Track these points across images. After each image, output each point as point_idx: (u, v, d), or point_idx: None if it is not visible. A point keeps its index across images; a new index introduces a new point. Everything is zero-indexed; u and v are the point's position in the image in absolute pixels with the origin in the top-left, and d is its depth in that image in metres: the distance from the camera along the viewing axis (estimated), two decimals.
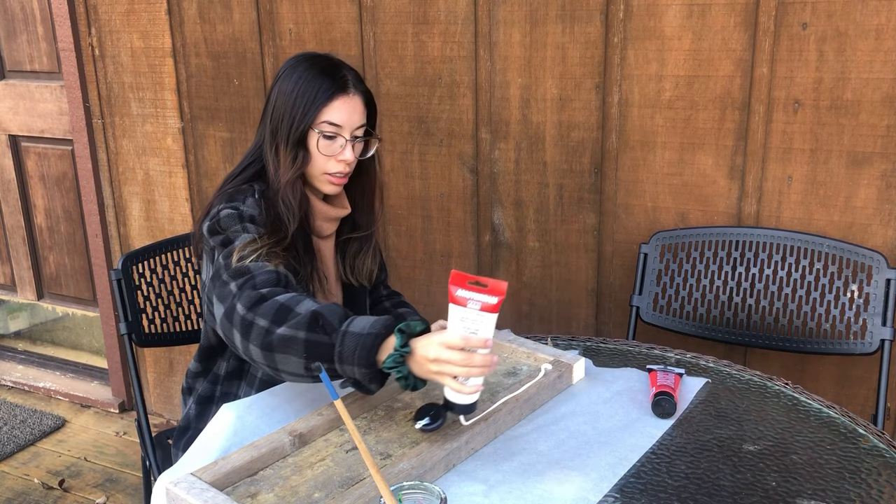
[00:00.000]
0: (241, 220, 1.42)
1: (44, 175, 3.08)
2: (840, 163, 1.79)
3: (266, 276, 1.32)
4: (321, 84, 1.47)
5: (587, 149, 2.02)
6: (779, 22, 1.77)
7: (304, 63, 1.51)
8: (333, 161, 1.49)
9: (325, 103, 1.46)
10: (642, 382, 1.43)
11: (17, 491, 2.55)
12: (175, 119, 2.58)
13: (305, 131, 1.47)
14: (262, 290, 1.28)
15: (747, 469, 1.18)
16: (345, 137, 1.48)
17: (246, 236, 1.39)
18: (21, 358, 3.37)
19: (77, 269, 3.14)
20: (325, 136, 1.47)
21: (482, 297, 1.15)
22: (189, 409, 1.61)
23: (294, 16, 2.28)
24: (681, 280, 1.91)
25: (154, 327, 1.90)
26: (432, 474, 1.14)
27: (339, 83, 1.48)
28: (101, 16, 2.59)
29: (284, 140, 1.48)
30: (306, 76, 1.48)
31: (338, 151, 1.49)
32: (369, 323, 1.20)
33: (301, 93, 1.47)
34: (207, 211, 1.48)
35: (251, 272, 1.32)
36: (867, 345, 1.73)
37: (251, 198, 1.47)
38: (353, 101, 1.49)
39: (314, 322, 1.20)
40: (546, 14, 1.98)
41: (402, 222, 2.30)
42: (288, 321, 1.21)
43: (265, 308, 1.24)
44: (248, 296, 1.27)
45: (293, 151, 1.48)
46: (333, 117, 1.47)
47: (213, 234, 1.43)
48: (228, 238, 1.40)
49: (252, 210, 1.44)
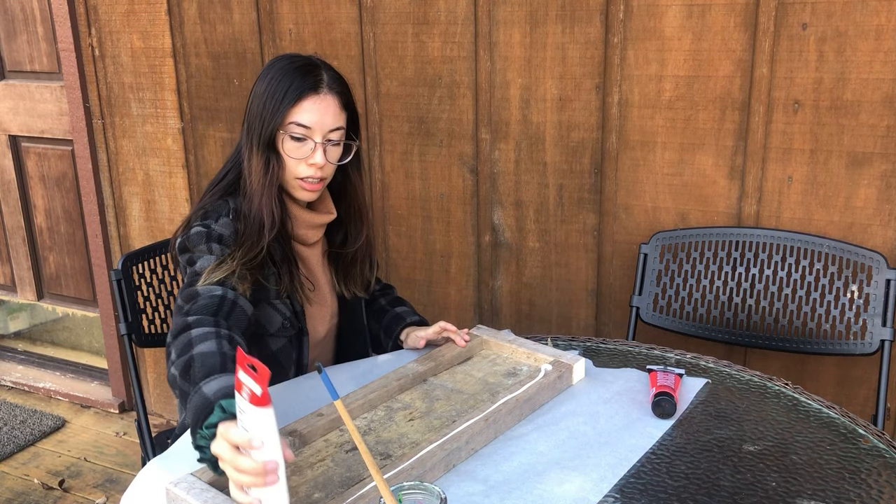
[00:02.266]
0: (208, 240, 1.40)
1: (44, 175, 3.08)
2: (840, 163, 1.79)
3: (206, 300, 1.30)
4: (291, 83, 1.41)
5: (587, 149, 2.02)
6: (779, 22, 1.77)
7: (280, 63, 1.46)
8: (304, 165, 1.43)
9: (292, 103, 1.41)
10: (642, 383, 1.43)
11: (17, 491, 2.55)
12: (175, 119, 2.58)
13: (274, 133, 1.42)
14: (188, 318, 1.26)
15: (747, 469, 1.18)
16: (314, 140, 1.42)
17: (209, 258, 1.37)
18: (21, 358, 3.37)
19: (77, 269, 3.14)
20: (292, 137, 1.42)
21: (250, 385, 0.92)
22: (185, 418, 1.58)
23: (294, 16, 2.28)
24: (681, 280, 1.91)
25: (154, 327, 1.90)
26: (432, 474, 1.14)
27: (310, 82, 1.42)
28: (101, 16, 2.59)
29: (256, 143, 1.43)
30: (279, 76, 1.43)
31: (307, 154, 1.42)
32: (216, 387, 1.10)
33: (271, 93, 1.42)
34: (185, 225, 1.46)
35: (195, 298, 1.31)
36: (867, 345, 1.73)
37: (224, 217, 1.43)
38: (324, 101, 1.42)
39: (186, 373, 1.17)
40: (546, 14, 1.98)
41: (402, 222, 2.30)
42: (178, 358, 1.19)
43: (181, 344, 1.22)
44: (175, 322, 1.27)
45: (264, 155, 1.42)
46: (302, 118, 1.41)
47: (181, 251, 1.43)
48: (192, 258, 1.39)
49: (222, 229, 1.42)
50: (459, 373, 1.46)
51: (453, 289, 2.29)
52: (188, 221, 1.46)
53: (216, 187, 1.50)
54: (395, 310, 1.69)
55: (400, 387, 1.38)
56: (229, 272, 1.35)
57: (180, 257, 1.43)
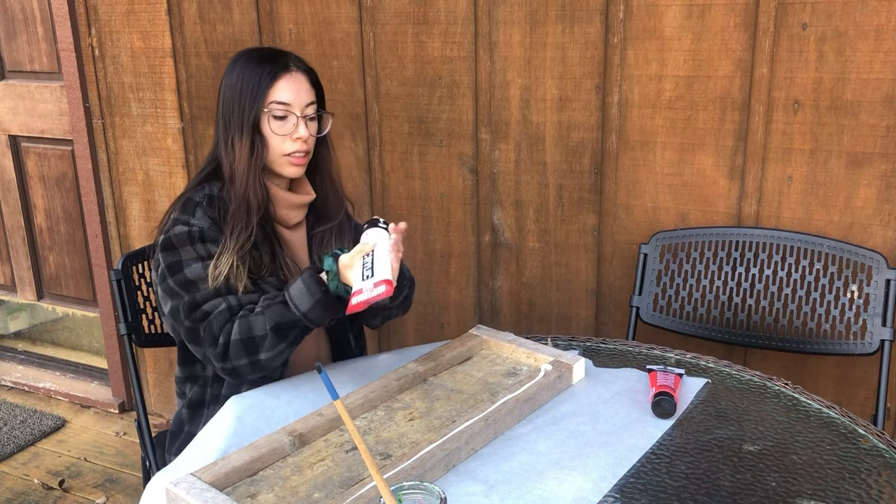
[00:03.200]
0: (192, 242, 1.47)
1: (44, 175, 3.08)
2: (840, 163, 1.79)
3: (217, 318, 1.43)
4: (263, 68, 1.51)
5: (587, 149, 2.02)
6: (779, 22, 1.77)
7: (244, 55, 1.56)
8: (289, 141, 1.52)
9: (270, 84, 1.50)
10: (642, 383, 1.43)
11: (17, 491, 2.55)
12: (175, 119, 2.58)
13: (257, 115, 1.50)
14: (220, 341, 1.42)
15: (747, 469, 1.18)
16: (296, 114, 1.52)
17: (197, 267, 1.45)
18: (21, 358, 3.37)
19: (77, 269, 3.14)
20: (275, 116, 1.51)
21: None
22: (181, 413, 1.60)
23: (294, 16, 2.28)
24: (681, 280, 1.91)
25: (154, 327, 1.90)
26: (432, 474, 1.14)
27: (280, 64, 1.53)
28: (101, 16, 2.59)
29: (238, 130, 1.51)
30: (248, 65, 1.52)
31: (291, 130, 1.52)
32: (295, 280, 1.41)
33: (245, 80, 1.51)
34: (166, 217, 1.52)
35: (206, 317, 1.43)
36: (867, 345, 1.73)
37: (199, 208, 1.49)
38: (296, 77, 1.53)
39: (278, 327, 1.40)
40: (546, 14, 1.98)
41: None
42: (261, 348, 1.40)
43: (234, 352, 1.41)
44: (212, 352, 1.42)
45: (249, 139, 1.50)
46: (281, 96, 1.51)
47: (164, 249, 1.48)
48: (180, 263, 1.46)
49: (201, 222, 1.48)
50: (459, 373, 1.46)
51: (453, 289, 2.29)
52: (168, 213, 1.52)
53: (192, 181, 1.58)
54: None
55: (400, 387, 1.38)
56: (229, 265, 1.44)
57: (162, 254, 1.48)
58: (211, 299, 1.43)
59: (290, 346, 1.43)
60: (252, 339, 1.40)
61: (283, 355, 1.43)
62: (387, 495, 0.94)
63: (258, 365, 1.41)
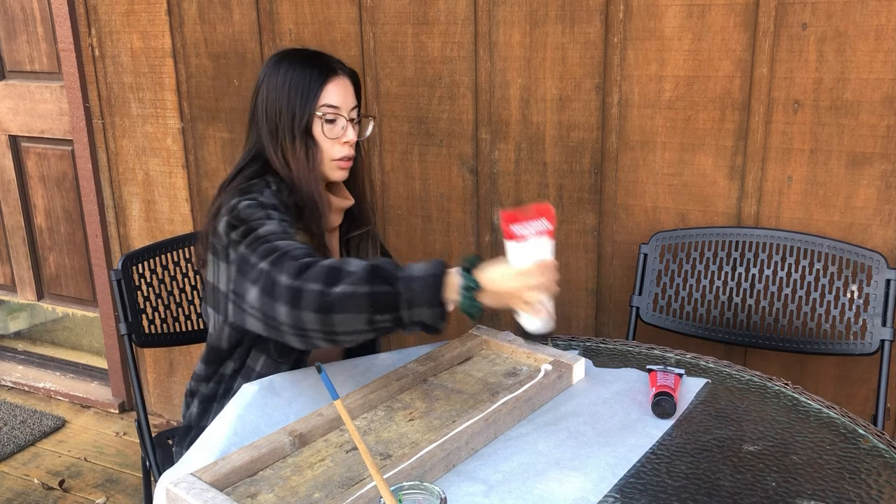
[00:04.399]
0: (264, 208, 1.40)
1: (44, 175, 3.08)
2: (840, 163, 1.79)
3: (302, 249, 1.29)
4: (311, 71, 1.50)
5: (587, 149, 2.02)
6: (779, 22, 1.77)
7: (287, 57, 1.53)
8: (338, 145, 1.51)
9: (321, 87, 1.49)
10: (642, 383, 1.43)
11: (17, 491, 2.55)
12: (175, 119, 2.58)
13: (310, 120, 1.49)
14: (302, 260, 1.25)
15: (747, 469, 1.18)
16: (344, 118, 1.52)
17: (272, 224, 1.35)
18: (21, 358, 3.37)
19: (77, 269, 3.14)
20: (327, 120, 1.50)
21: (536, 225, 1.23)
22: (192, 409, 1.60)
23: (294, 16, 2.28)
24: (681, 280, 1.91)
25: (154, 327, 1.90)
26: (432, 474, 1.14)
27: (327, 67, 1.52)
28: (101, 16, 2.59)
29: (290, 135, 1.49)
30: (293, 68, 1.50)
31: (340, 134, 1.51)
32: (427, 265, 1.22)
33: (294, 84, 1.49)
34: (217, 210, 1.45)
35: (282, 249, 1.29)
36: (867, 345, 1.73)
37: (268, 189, 1.45)
38: (343, 81, 1.53)
39: (373, 274, 1.20)
40: (546, 14, 1.98)
41: (402, 223, 2.30)
42: (343, 280, 1.21)
43: (313, 273, 1.22)
44: (289, 265, 1.24)
45: (303, 144, 1.49)
46: (331, 99, 1.50)
47: (232, 228, 1.38)
48: (251, 227, 1.36)
49: (271, 199, 1.43)
50: (459, 373, 1.46)
51: None
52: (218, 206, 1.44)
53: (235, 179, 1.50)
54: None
55: (400, 387, 1.38)
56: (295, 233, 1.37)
57: (232, 234, 1.36)
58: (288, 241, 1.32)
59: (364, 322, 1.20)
60: (339, 270, 1.22)
61: (350, 325, 1.21)
62: (387, 495, 0.94)
63: (325, 301, 1.20)
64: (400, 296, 1.19)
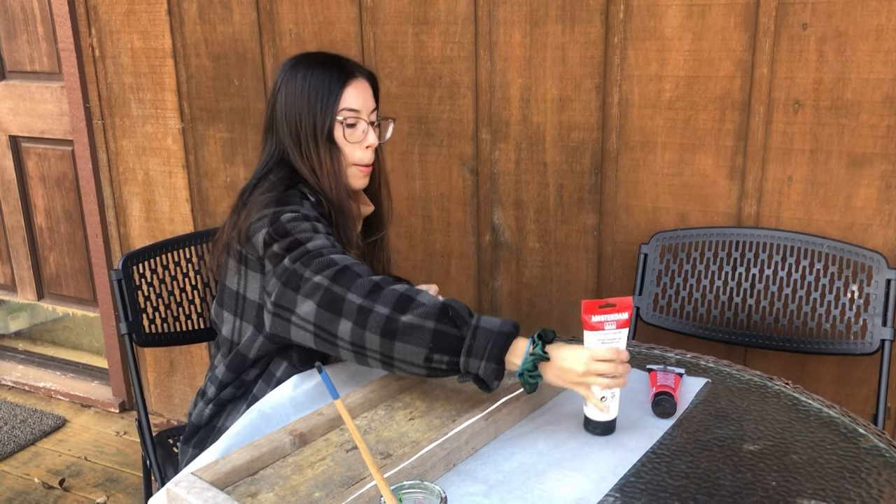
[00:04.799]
0: (308, 220, 1.36)
1: (44, 175, 3.08)
2: (840, 163, 1.79)
3: (361, 265, 1.28)
4: (330, 74, 1.47)
5: (587, 149, 2.03)
6: (779, 22, 1.77)
7: (304, 61, 1.50)
8: (360, 149, 1.49)
9: (340, 90, 1.46)
10: (642, 382, 1.43)
11: (18, 490, 2.55)
12: (175, 119, 2.58)
13: (332, 124, 1.46)
14: (373, 279, 1.24)
15: (747, 469, 1.18)
16: (365, 121, 1.50)
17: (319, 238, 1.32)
18: (21, 358, 3.37)
19: (77, 269, 3.14)
20: (348, 124, 1.48)
21: (615, 316, 1.23)
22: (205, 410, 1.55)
23: (294, 16, 2.28)
24: (681, 280, 1.91)
25: (154, 327, 1.90)
26: (432, 474, 1.14)
27: (346, 70, 1.49)
28: (101, 16, 2.59)
29: (313, 140, 1.46)
30: (311, 72, 1.47)
31: (361, 137, 1.49)
32: (500, 322, 1.21)
33: (313, 88, 1.46)
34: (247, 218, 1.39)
35: (341, 263, 1.27)
36: (867, 345, 1.73)
37: (307, 201, 1.42)
38: (363, 84, 1.50)
39: (444, 313, 1.20)
40: (546, 14, 1.98)
41: (402, 223, 2.30)
42: (412, 310, 1.20)
43: (385, 296, 1.22)
44: (359, 284, 1.23)
45: (327, 148, 1.46)
46: (351, 103, 1.48)
47: (273, 240, 1.34)
48: (298, 240, 1.32)
49: (313, 212, 1.40)
50: None
51: (453, 289, 2.29)
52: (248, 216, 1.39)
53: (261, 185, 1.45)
54: None
55: (400, 386, 1.38)
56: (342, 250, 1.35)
57: (275, 246, 1.33)
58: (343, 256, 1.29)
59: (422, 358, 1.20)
60: (411, 300, 1.21)
61: (408, 356, 1.20)
62: (387, 494, 0.94)
63: (391, 327, 1.19)
64: (463, 341, 1.18)
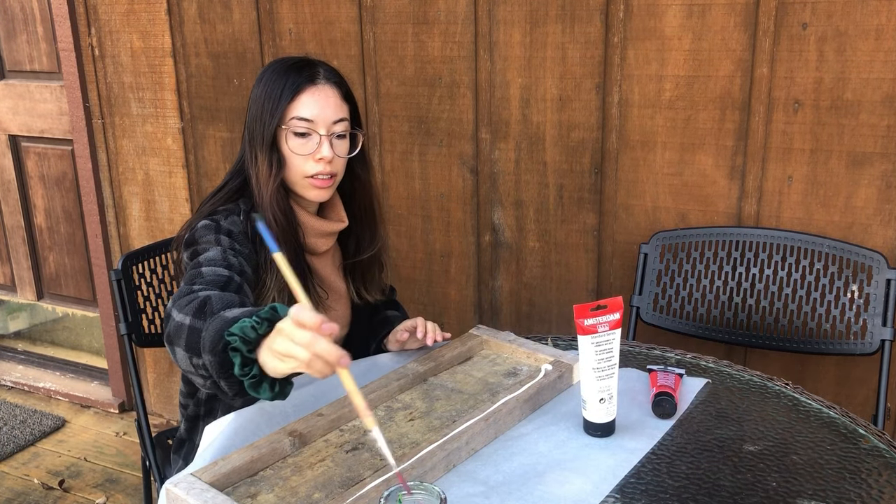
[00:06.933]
0: (217, 232, 1.33)
1: (44, 175, 3.08)
2: (840, 163, 1.79)
3: (213, 277, 1.22)
4: (287, 79, 1.39)
5: (587, 149, 2.02)
6: (779, 22, 1.77)
7: (274, 65, 1.44)
8: (311, 161, 1.39)
9: (291, 97, 1.38)
10: (642, 382, 1.43)
11: (17, 491, 2.55)
12: (175, 119, 2.58)
13: (275, 132, 1.38)
14: (193, 287, 1.17)
15: (748, 469, 1.18)
16: (319, 133, 1.39)
17: (215, 250, 1.29)
18: (21, 358, 3.37)
19: (77, 269, 3.14)
20: (295, 133, 1.39)
21: (607, 318, 1.23)
22: (182, 424, 1.57)
23: (294, 16, 2.28)
24: (681, 280, 1.91)
25: (154, 327, 1.90)
26: (432, 474, 1.14)
27: (306, 75, 1.40)
28: (101, 16, 2.59)
29: (259, 146, 1.39)
30: (273, 76, 1.41)
31: (313, 149, 1.39)
32: (244, 309, 1.07)
33: (268, 93, 1.39)
34: (188, 225, 1.40)
35: (199, 276, 1.22)
36: (867, 345, 1.73)
37: (235, 216, 1.38)
38: (322, 91, 1.40)
39: (201, 308, 1.10)
40: (546, 14, 1.98)
41: (402, 222, 2.30)
42: (185, 310, 1.11)
43: (183, 301, 1.13)
44: (178, 294, 1.17)
45: (268, 157, 1.38)
46: (302, 111, 1.38)
47: (187, 245, 1.34)
48: (196, 251, 1.31)
49: (231, 226, 1.36)
50: (459, 373, 1.46)
51: (453, 289, 2.29)
52: (191, 223, 1.41)
53: (217, 194, 1.45)
54: (385, 312, 1.66)
55: (400, 387, 1.38)
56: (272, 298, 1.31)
57: (184, 252, 1.34)
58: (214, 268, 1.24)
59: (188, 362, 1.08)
60: (202, 302, 1.12)
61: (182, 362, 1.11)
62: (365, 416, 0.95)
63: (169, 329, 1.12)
64: (202, 333, 1.05)
